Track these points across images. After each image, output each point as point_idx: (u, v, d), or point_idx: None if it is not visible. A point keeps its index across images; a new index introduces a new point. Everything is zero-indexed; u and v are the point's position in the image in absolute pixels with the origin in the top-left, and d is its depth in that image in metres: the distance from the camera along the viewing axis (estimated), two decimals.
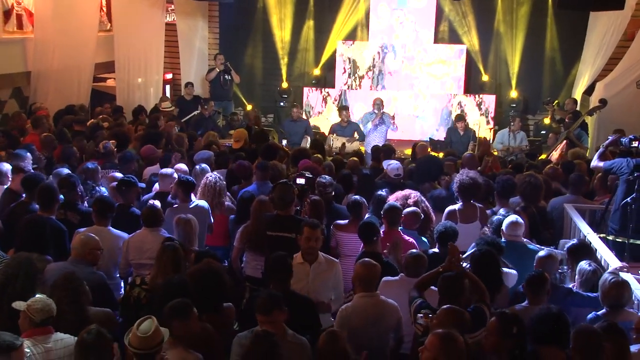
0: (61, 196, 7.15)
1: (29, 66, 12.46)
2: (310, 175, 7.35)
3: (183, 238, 6.19)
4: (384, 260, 6.23)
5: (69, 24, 12.79)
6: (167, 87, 16.37)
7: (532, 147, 13.37)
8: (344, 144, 12.98)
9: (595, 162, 7.72)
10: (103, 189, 7.91)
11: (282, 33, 16.34)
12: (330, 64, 16.25)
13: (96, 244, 5.76)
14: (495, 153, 12.93)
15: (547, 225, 7.98)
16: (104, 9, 15.00)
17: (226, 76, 14.91)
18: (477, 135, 12.91)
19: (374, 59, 15.80)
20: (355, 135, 13.63)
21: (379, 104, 13.32)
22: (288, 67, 16.48)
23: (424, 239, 7.02)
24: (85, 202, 7.49)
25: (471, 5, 15.35)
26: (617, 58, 13.80)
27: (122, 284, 6.60)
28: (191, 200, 7.29)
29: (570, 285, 5.89)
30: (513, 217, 6.63)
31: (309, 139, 13.53)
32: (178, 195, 7.35)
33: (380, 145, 11.42)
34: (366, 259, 5.56)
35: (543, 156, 12.14)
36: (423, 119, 15.60)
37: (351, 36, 16.02)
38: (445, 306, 4.61)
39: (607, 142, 8.01)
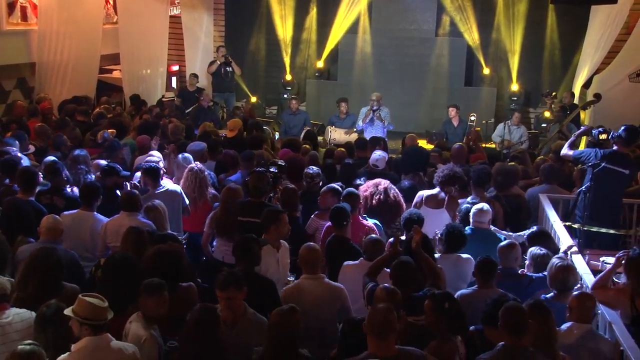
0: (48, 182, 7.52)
1: (33, 57, 12.79)
2: (283, 164, 7.59)
3: (154, 224, 6.46)
4: (351, 245, 6.49)
5: (73, 16, 13.13)
6: (174, 78, 16.73)
7: (530, 140, 13.42)
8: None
9: (565, 151, 7.83)
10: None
11: (285, 25, 16.59)
12: (334, 57, 16.46)
13: (61, 224, 6.07)
14: (493, 146, 13.10)
15: (526, 214, 8.17)
16: (111, 1, 15.34)
17: (227, 68, 15.13)
18: (472, 128, 12.98)
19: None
20: (354, 127, 13.76)
21: (374, 100, 13.41)
22: (292, 60, 16.72)
23: (374, 221, 7.19)
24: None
25: None
26: (617, 52, 13.83)
27: None
28: (160, 186, 7.53)
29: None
30: (480, 205, 6.82)
31: (312, 129, 13.68)
32: (147, 183, 7.59)
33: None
34: (310, 243, 5.83)
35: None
36: (422, 111, 15.73)
37: (353, 29, 16.19)
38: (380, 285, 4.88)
39: (578, 131, 8.16)
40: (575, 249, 6.31)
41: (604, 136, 7.35)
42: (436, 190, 7.83)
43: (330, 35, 16.21)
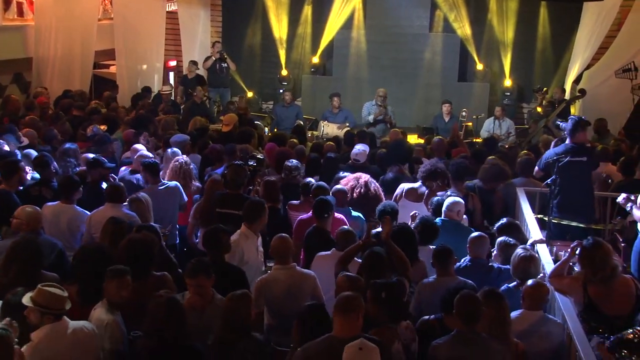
0: (37, 175, 7.75)
1: (30, 52, 12.99)
2: (262, 157, 7.81)
3: (138, 216, 6.67)
4: (331, 238, 6.65)
5: (70, 12, 13.31)
6: (171, 74, 16.96)
7: (519, 134, 13.59)
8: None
9: (535, 171, 8.07)
10: None
11: (281, 21, 16.73)
12: (329, 52, 16.64)
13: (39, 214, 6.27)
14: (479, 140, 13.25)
15: (501, 208, 8.35)
16: None
17: (222, 64, 15.32)
18: (463, 123, 13.13)
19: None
20: (346, 122, 13.93)
21: (382, 96, 13.57)
22: (287, 55, 16.88)
23: (358, 214, 7.39)
24: None
25: None
26: (607, 48, 13.92)
27: None
28: (161, 182, 7.74)
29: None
30: (452, 198, 7.01)
31: (301, 124, 13.90)
32: (147, 179, 7.79)
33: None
34: (281, 234, 5.99)
35: None
36: (415, 106, 15.90)
37: (348, 25, 16.37)
38: (342, 273, 5.06)
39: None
40: (541, 241, 6.52)
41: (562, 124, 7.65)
42: (417, 184, 8.02)
43: (326, 30, 16.33)
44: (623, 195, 6.60)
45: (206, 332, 4.91)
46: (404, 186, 8.03)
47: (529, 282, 5.22)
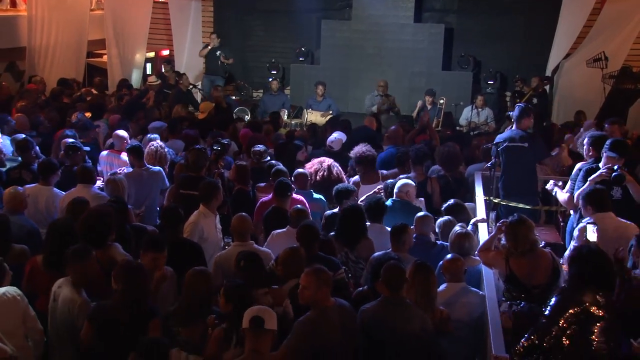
0: (19, 158, 8.23)
1: (23, 42, 13.43)
2: (226, 142, 8.25)
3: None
4: (287, 217, 7.08)
5: (62, 2, 13.78)
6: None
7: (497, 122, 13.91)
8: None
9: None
10: None
11: (272, 11, 17.14)
12: (317, 42, 17.00)
13: (22, 195, 6.70)
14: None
15: (464, 190, 8.75)
16: None
17: (217, 53, 15.78)
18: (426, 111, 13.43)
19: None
20: (330, 110, 14.30)
21: (383, 86, 13.92)
22: (277, 44, 17.26)
23: (319, 196, 7.80)
24: None
25: None
26: (584, 37, 14.25)
27: None
28: (146, 166, 8.15)
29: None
30: (402, 180, 7.44)
31: (286, 112, 14.31)
32: (132, 162, 8.21)
33: None
34: (242, 213, 6.42)
35: None
36: (400, 95, 16.20)
37: (336, 15, 16.73)
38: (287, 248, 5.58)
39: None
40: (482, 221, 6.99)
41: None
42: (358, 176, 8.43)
43: (314, 20, 16.70)
44: (551, 182, 7.06)
45: None
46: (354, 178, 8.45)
47: (447, 256, 5.69)
